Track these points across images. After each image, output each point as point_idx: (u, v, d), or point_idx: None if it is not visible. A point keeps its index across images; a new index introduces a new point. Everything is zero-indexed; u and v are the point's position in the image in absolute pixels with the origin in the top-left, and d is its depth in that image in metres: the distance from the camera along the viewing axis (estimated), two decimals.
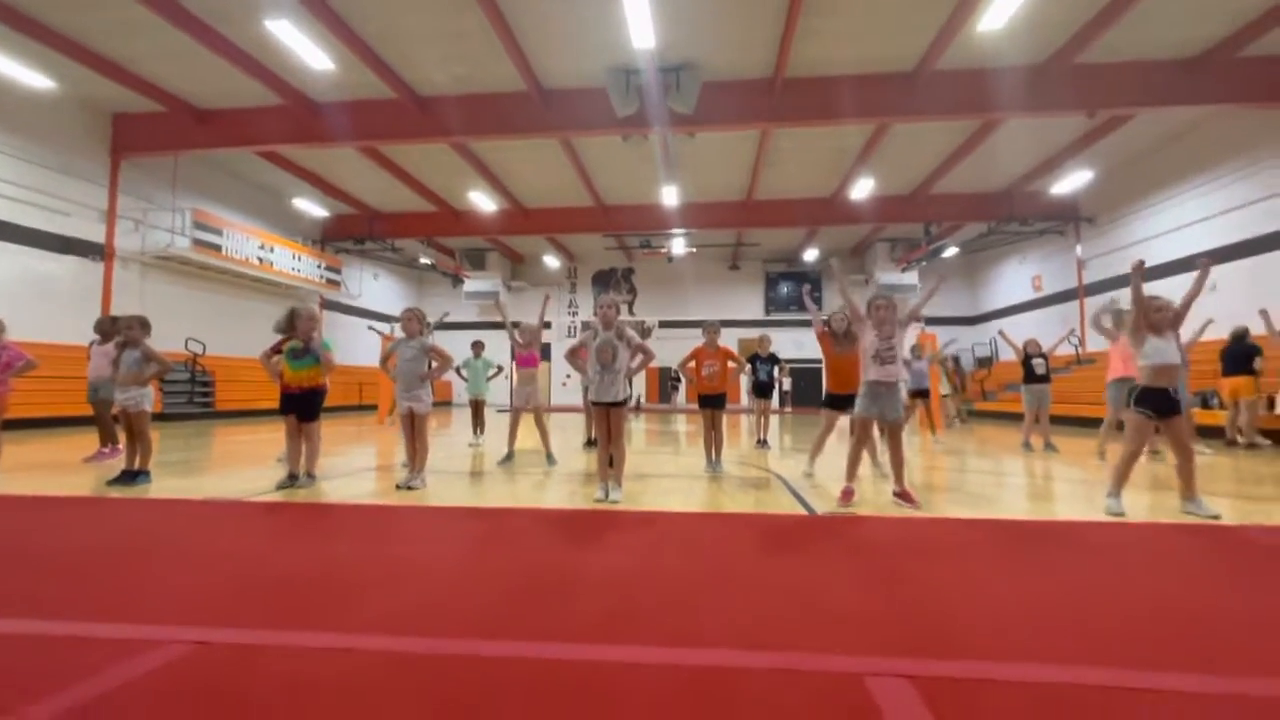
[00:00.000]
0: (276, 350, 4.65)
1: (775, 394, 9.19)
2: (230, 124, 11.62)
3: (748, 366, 7.11)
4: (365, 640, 1.77)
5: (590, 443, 6.50)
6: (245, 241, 14.72)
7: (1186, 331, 5.68)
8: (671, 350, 10.98)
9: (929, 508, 3.86)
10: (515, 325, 6.43)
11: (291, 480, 4.48)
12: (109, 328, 6.10)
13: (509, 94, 10.86)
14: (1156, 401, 3.72)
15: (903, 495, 3.92)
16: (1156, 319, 3.79)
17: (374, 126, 11.39)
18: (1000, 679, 1.56)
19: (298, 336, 4.60)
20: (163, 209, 13.02)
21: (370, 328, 8.69)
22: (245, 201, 15.55)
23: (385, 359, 4.75)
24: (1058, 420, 9.54)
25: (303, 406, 4.56)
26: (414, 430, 4.60)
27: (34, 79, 9.63)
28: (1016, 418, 11.14)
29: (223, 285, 14.86)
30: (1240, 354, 7.79)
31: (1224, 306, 11.26)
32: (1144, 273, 3.86)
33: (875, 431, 4.80)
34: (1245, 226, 11.37)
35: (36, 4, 8.53)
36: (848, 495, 3.93)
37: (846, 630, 1.88)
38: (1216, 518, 3.52)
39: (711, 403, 5.59)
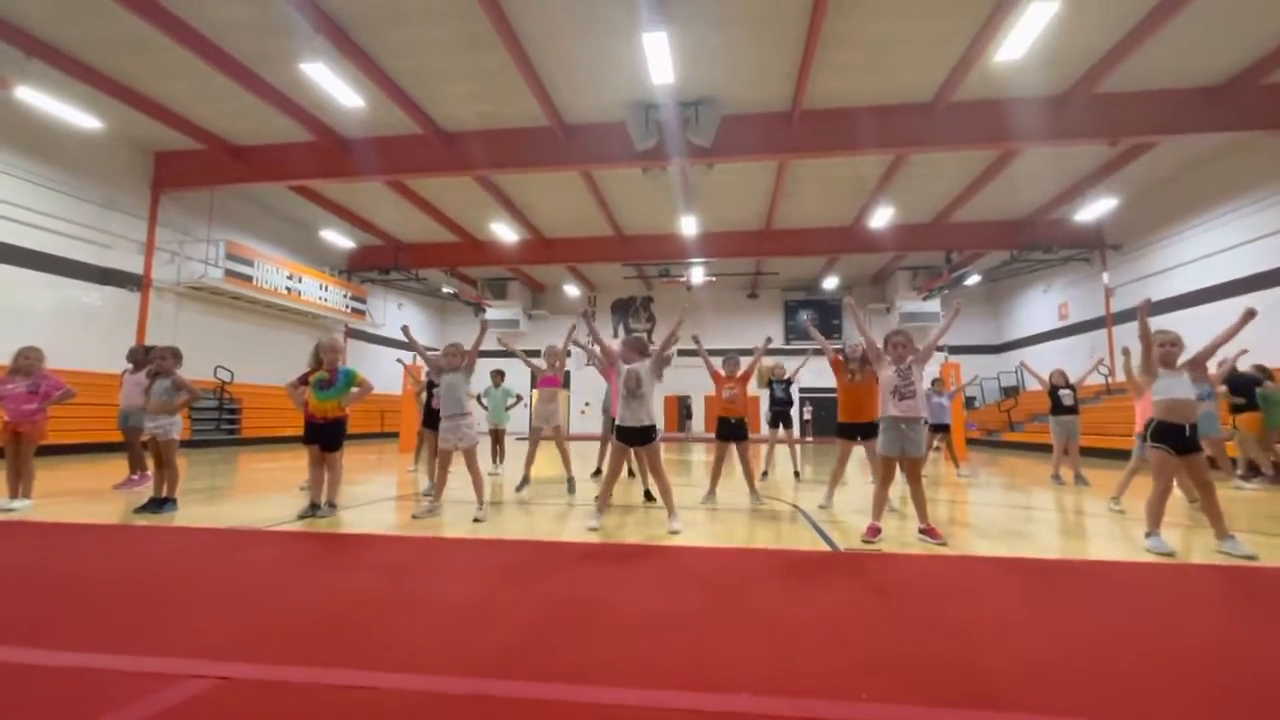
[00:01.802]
0: (303, 381, 4.75)
1: (796, 423, 9.12)
2: (264, 160, 12.09)
3: (766, 391, 7.24)
4: (384, 678, 1.77)
5: (598, 472, 6.50)
6: (275, 272, 15.16)
7: (1213, 363, 5.53)
8: (689, 379, 10.96)
9: (957, 544, 3.76)
10: (529, 355, 6.59)
11: (313, 510, 4.52)
12: (141, 357, 6.25)
13: (531, 129, 11.15)
14: (1172, 438, 3.61)
15: (928, 531, 3.83)
16: (1163, 354, 3.70)
17: (401, 161, 11.75)
18: None
19: (324, 368, 4.70)
20: (198, 241, 13.51)
21: (399, 360, 8.94)
22: (275, 233, 16.06)
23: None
24: (1088, 452, 9.28)
25: (326, 436, 4.64)
26: (445, 462, 4.70)
27: (83, 120, 10.13)
28: (1044, 449, 10.87)
29: (253, 315, 15.27)
30: (1243, 386, 7.40)
31: (1252, 336, 10.98)
32: (1149, 310, 3.80)
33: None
34: (1274, 255, 11.12)
35: (87, 49, 9.03)
36: (874, 532, 3.85)
37: (873, 675, 1.82)
38: (1253, 559, 3.38)
39: (732, 432, 5.52)
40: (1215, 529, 3.60)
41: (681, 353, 4.72)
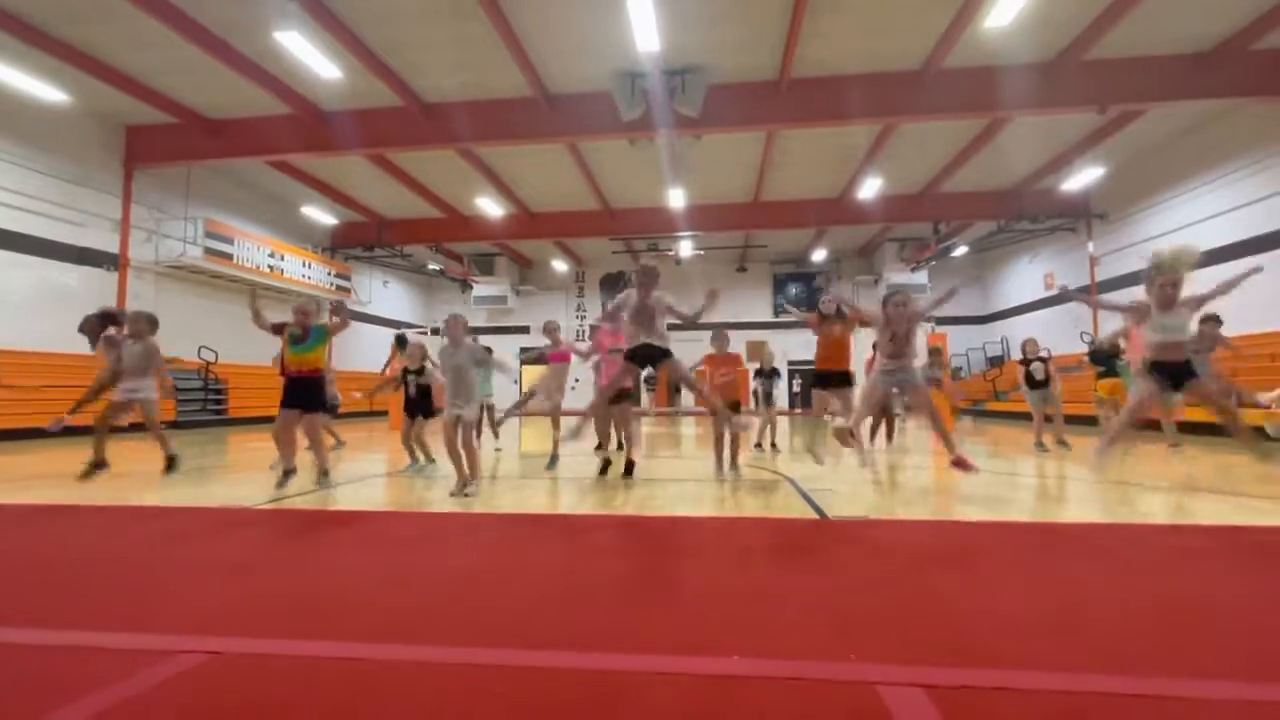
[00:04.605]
0: (276, 330, 4.68)
1: (785, 397, 9.19)
2: (240, 134, 11.77)
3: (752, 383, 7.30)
4: (375, 649, 1.77)
5: (600, 446, 6.50)
6: (256, 250, 14.88)
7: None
8: (678, 352, 10.94)
9: (941, 509, 3.82)
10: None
11: (287, 476, 4.43)
12: (95, 325, 5.55)
13: (515, 99, 10.92)
14: (1167, 373, 3.67)
15: (958, 463, 3.93)
16: (1161, 295, 3.72)
17: (382, 134, 11.49)
18: (1017, 687, 1.53)
19: (295, 325, 4.63)
20: (175, 219, 13.20)
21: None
22: (256, 210, 15.73)
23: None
24: (1070, 419, 9.40)
25: (306, 393, 4.55)
26: (461, 439, 4.60)
27: (49, 93, 9.78)
28: (1029, 417, 11.04)
29: (234, 294, 15.00)
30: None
31: (1238, 302, 11.13)
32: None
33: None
34: (1260, 222, 11.21)
35: (51, 19, 8.68)
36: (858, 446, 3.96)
37: (859, 637, 1.86)
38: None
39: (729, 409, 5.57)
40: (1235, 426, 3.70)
41: (672, 327, 4.66)
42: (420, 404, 5.86)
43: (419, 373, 5.88)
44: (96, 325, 5.30)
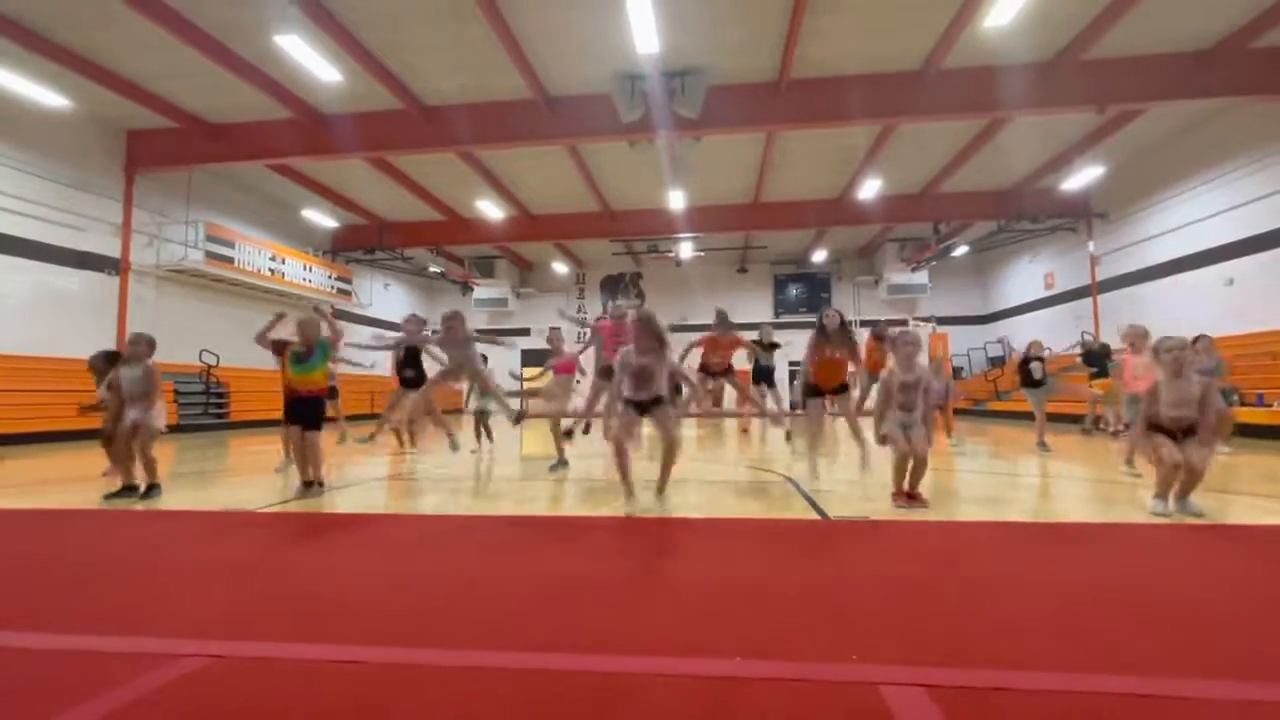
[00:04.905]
0: (277, 350, 4.66)
1: (784, 396, 9.12)
2: (241, 138, 11.79)
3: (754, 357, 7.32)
4: (376, 652, 1.77)
5: (587, 430, 6.47)
6: (257, 253, 14.90)
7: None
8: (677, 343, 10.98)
9: (944, 510, 3.81)
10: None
11: (307, 488, 4.48)
12: (103, 365, 5.53)
13: (515, 102, 10.93)
14: (1171, 433, 3.58)
15: (910, 495, 3.84)
16: (1169, 360, 3.54)
17: (382, 137, 11.50)
18: (1018, 688, 1.53)
19: (299, 343, 4.60)
20: (176, 222, 13.22)
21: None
22: (256, 214, 15.74)
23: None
24: (1068, 419, 9.40)
25: (308, 413, 4.55)
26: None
27: (50, 98, 9.80)
28: (1030, 416, 11.04)
29: (235, 297, 15.03)
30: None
31: (1240, 301, 11.14)
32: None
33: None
34: (1259, 220, 11.20)
35: (52, 24, 8.70)
36: (904, 498, 3.85)
37: (861, 637, 1.86)
38: (1200, 516, 3.43)
39: (721, 373, 5.45)
40: (1179, 491, 3.59)
41: (674, 328, 4.60)
42: (410, 369, 6.06)
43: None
44: (105, 366, 5.40)
